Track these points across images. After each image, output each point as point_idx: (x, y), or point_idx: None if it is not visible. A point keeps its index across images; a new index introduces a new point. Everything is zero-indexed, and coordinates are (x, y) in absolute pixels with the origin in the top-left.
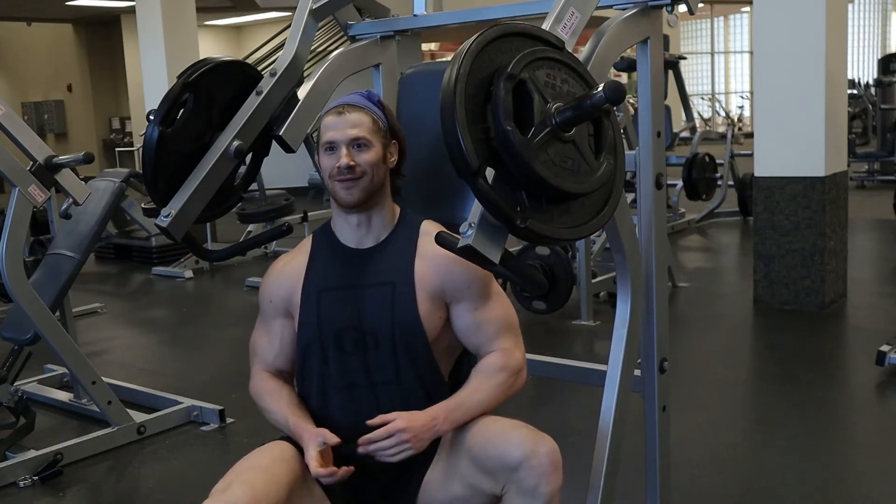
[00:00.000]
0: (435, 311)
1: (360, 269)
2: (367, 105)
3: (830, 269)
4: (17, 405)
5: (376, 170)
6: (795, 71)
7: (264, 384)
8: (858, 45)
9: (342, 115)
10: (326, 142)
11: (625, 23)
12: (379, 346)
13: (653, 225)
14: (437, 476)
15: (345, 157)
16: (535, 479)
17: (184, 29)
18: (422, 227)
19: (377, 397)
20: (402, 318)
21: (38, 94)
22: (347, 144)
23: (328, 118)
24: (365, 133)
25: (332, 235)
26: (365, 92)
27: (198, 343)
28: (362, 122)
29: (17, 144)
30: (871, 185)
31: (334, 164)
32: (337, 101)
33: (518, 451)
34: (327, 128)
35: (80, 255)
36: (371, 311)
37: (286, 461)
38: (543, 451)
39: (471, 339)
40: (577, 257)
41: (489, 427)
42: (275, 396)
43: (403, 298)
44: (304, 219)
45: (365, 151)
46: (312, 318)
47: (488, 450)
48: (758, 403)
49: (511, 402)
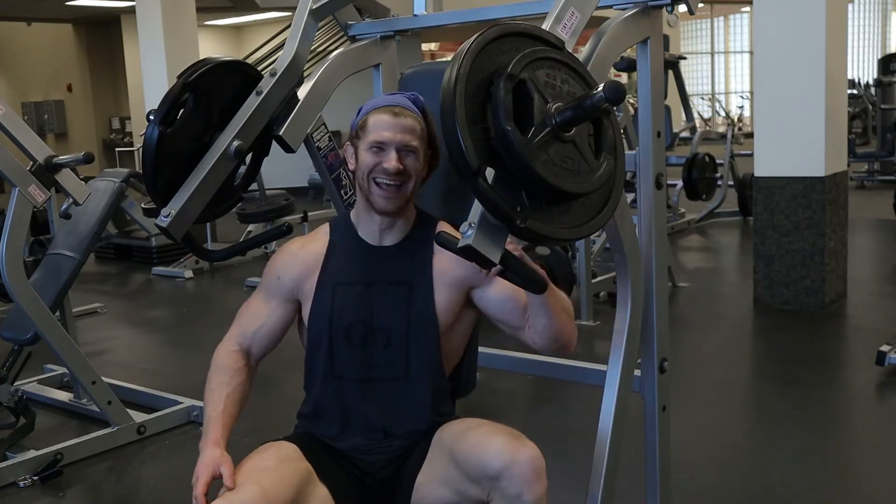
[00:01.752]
0: (452, 303)
1: (378, 267)
2: (415, 111)
3: (830, 269)
4: (17, 405)
5: (417, 178)
6: (795, 71)
7: (224, 359)
8: (858, 45)
9: (398, 116)
10: (377, 141)
11: (625, 23)
12: (391, 343)
13: (653, 225)
14: (426, 479)
15: (394, 161)
16: (517, 487)
17: (184, 29)
18: (438, 225)
19: (383, 393)
20: (419, 314)
21: (38, 94)
22: (398, 149)
23: (382, 116)
24: (416, 141)
25: (352, 228)
26: (412, 95)
27: (198, 343)
28: (414, 129)
29: (17, 144)
30: (871, 185)
31: (380, 162)
32: (387, 100)
33: (497, 460)
34: (378, 126)
35: (80, 255)
36: (386, 309)
37: (292, 462)
38: (524, 459)
39: (510, 310)
40: (577, 257)
41: (472, 433)
42: (220, 384)
43: (421, 296)
44: (304, 219)
45: (412, 159)
46: (325, 310)
47: (470, 458)
48: (758, 403)
49: (511, 401)
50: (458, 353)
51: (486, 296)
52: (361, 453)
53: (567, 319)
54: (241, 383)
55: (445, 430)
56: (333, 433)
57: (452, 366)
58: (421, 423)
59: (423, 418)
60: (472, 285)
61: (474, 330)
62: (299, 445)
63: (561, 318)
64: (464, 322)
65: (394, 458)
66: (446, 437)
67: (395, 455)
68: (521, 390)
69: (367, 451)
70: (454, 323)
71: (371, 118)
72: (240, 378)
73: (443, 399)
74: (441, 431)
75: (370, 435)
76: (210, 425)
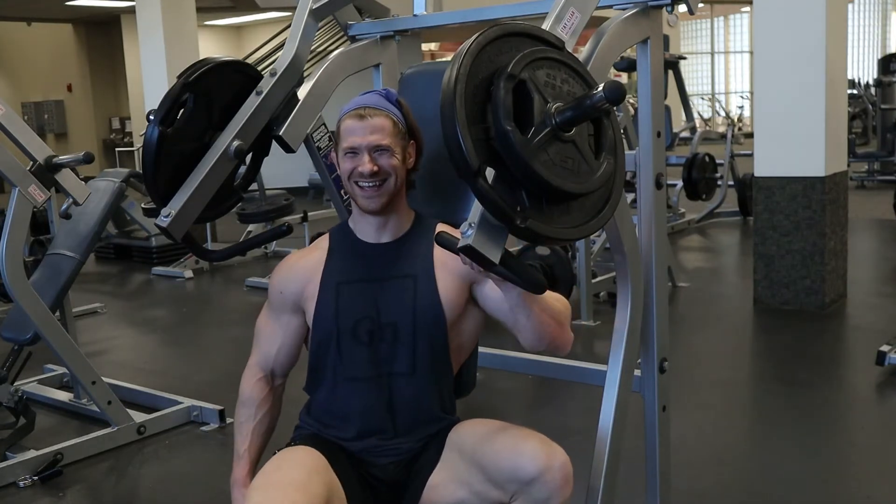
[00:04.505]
0: (457, 295)
1: (380, 263)
2: (386, 107)
3: (830, 269)
4: (17, 405)
5: (398, 173)
6: (795, 71)
7: (249, 391)
8: (858, 45)
9: (364, 118)
10: (348, 147)
11: (625, 23)
12: (398, 338)
13: (653, 225)
14: (441, 480)
15: (368, 164)
16: (547, 492)
17: (184, 29)
18: (437, 226)
19: (390, 389)
20: (424, 306)
21: (38, 94)
22: (370, 150)
23: (349, 121)
24: (387, 139)
25: (350, 232)
26: (383, 91)
27: (198, 343)
28: (384, 127)
29: (17, 144)
30: (871, 185)
31: (356, 167)
32: (356, 102)
33: (532, 466)
34: (348, 132)
35: (80, 255)
36: (391, 303)
37: (319, 473)
38: (557, 465)
39: (506, 311)
40: (577, 257)
41: (499, 436)
42: (247, 417)
43: (425, 288)
44: (304, 219)
45: (386, 157)
46: (330, 310)
47: (499, 462)
48: (758, 403)
49: (512, 401)
50: (467, 351)
51: (484, 292)
52: (372, 455)
53: (548, 320)
54: (267, 412)
55: (462, 431)
56: (344, 436)
57: (460, 363)
58: (427, 417)
59: (430, 414)
60: (472, 280)
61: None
62: (323, 453)
63: (542, 318)
64: (471, 318)
65: (404, 461)
66: (466, 439)
67: (405, 458)
68: (521, 390)
69: (377, 453)
70: (461, 317)
71: (342, 125)
72: (266, 406)
73: (449, 395)
74: (457, 433)
75: (380, 434)
76: (238, 462)
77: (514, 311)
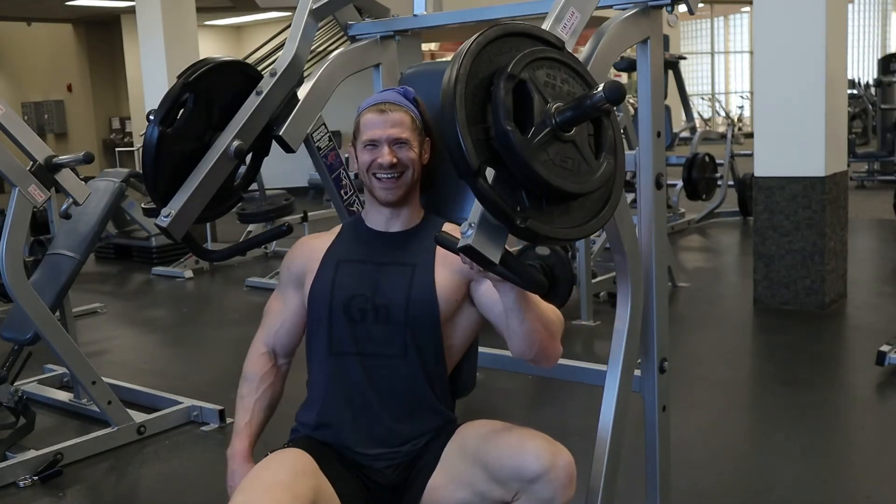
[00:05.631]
0: (453, 289)
1: (383, 249)
2: (404, 103)
3: (830, 269)
4: (17, 405)
5: (415, 166)
6: (795, 71)
7: (252, 365)
8: (858, 45)
9: (384, 112)
10: (368, 139)
11: (625, 23)
12: (390, 320)
13: (653, 225)
14: (442, 481)
15: (388, 155)
16: (551, 491)
17: (184, 29)
18: (444, 225)
19: (378, 369)
20: (419, 295)
21: (38, 94)
22: (389, 143)
23: (369, 115)
24: (405, 133)
25: (361, 222)
26: (401, 89)
27: (198, 343)
28: (403, 122)
29: (17, 144)
30: (871, 185)
31: (375, 159)
32: (376, 98)
33: (537, 465)
34: (368, 125)
35: (80, 255)
36: (387, 286)
37: (306, 475)
38: (562, 464)
39: (499, 314)
40: (577, 257)
41: (503, 435)
42: (249, 390)
43: (422, 278)
44: (304, 219)
45: (405, 150)
46: (326, 285)
47: (503, 459)
48: (758, 403)
49: (512, 401)
50: (460, 350)
51: (480, 291)
52: (370, 459)
53: (540, 328)
54: (269, 386)
55: (466, 432)
56: (341, 439)
57: (453, 361)
58: (420, 404)
59: (423, 401)
60: (470, 278)
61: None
62: (315, 456)
63: (534, 325)
64: (465, 317)
65: (402, 465)
66: (469, 439)
67: (404, 461)
68: (521, 390)
69: (375, 457)
70: (456, 313)
71: (362, 119)
72: (268, 381)
73: (442, 388)
74: (461, 435)
75: (367, 415)
76: (237, 436)
77: (507, 315)
